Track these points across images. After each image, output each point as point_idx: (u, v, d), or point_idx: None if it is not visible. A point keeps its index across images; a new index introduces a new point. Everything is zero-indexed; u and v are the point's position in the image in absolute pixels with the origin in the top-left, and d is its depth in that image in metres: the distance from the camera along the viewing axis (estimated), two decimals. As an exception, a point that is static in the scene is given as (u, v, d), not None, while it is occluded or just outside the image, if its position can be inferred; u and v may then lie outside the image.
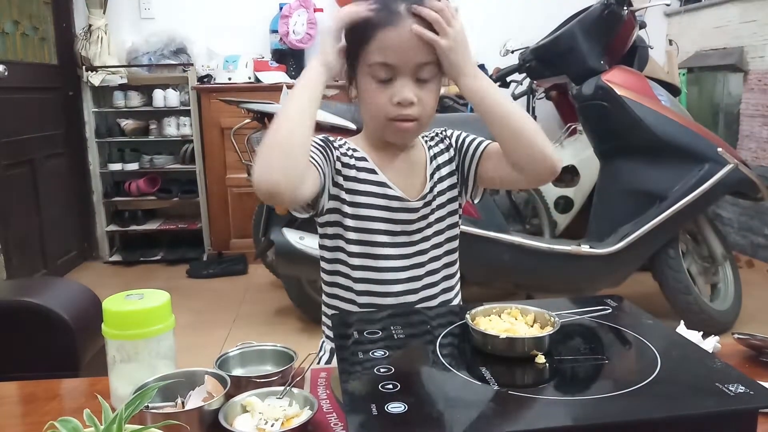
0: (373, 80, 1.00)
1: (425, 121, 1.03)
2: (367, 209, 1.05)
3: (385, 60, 0.98)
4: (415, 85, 0.99)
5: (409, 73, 0.99)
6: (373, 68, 0.99)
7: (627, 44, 2.52)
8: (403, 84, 0.99)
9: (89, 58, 3.56)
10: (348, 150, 1.07)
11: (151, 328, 0.81)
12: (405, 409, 0.63)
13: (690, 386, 0.69)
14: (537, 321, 0.83)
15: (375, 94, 1.00)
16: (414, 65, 0.98)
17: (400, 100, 0.98)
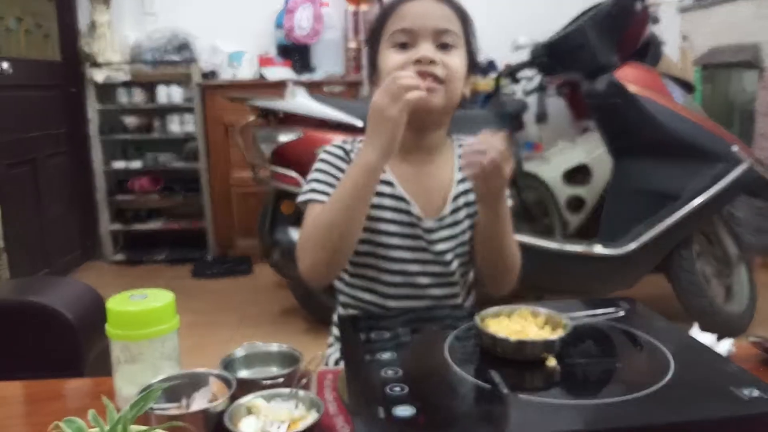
0: (394, 48, 0.99)
1: (453, 87, 0.98)
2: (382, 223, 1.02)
3: (403, 26, 0.97)
4: (436, 49, 0.97)
5: (430, 37, 0.97)
6: (393, 37, 0.98)
7: (640, 40, 2.50)
8: (423, 45, 0.97)
9: (93, 55, 3.55)
10: None
11: (155, 329, 0.80)
12: (413, 412, 0.62)
13: (703, 390, 0.68)
14: (548, 323, 0.82)
15: (394, 57, 0.98)
16: (433, 29, 0.97)
17: (419, 57, 0.95)
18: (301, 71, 3.69)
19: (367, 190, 0.92)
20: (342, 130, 2.37)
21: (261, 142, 2.49)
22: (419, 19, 0.97)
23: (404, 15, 0.98)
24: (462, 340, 0.81)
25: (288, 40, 3.70)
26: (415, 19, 0.97)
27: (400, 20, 0.98)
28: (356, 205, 0.92)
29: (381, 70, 1.01)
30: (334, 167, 1.03)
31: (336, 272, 0.99)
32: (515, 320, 0.82)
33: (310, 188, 1.02)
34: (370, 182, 0.91)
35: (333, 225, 0.92)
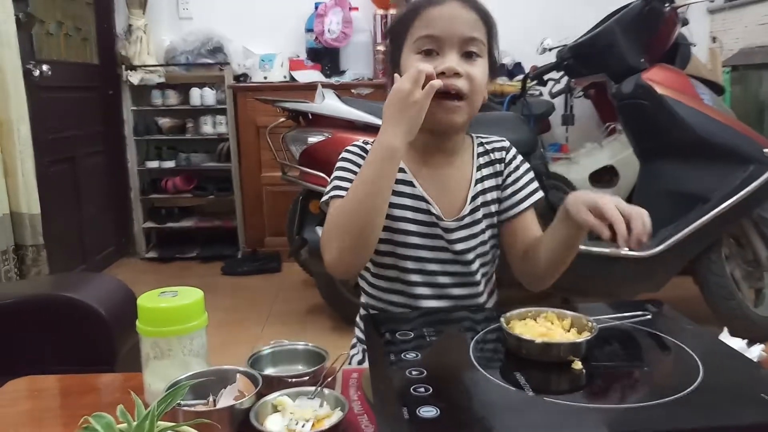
0: (418, 55, 0.98)
1: (475, 99, 0.99)
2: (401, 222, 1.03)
3: (429, 32, 0.96)
4: (461, 59, 0.97)
5: (456, 46, 0.96)
6: (417, 43, 0.97)
7: (668, 42, 2.46)
8: (448, 55, 0.96)
9: (129, 58, 3.63)
10: None
11: (184, 326, 0.81)
12: (437, 413, 0.62)
13: (733, 396, 0.67)
14: (574, 326, 0.81)
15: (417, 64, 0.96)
16: (459, 38, 0.96)
17: (444, 69, 0.95)
18: (330, 74, 3.71)
19: (390, 174, 0.92)
20: (369, 132, 2.38)
21: (290, 143, 2.51)
22: (446, 26, 0.96)
23: (430, 21, 0.97)
24: (487, 342, 0.81)
25: (318, 43, 3.72)
26: (442, 26, 0.96)
27: (425, 26, 0.97)
28: (379, 189, 0.91)
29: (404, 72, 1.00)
30: (356, 165, 1.03)
31: (362, 261, 0.97)
32: (541, 322, 0.82)
33: (332, 186, 1.02)
34: (392, 166, 0.91)
35: (357, 210, 0.91)
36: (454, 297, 1.06)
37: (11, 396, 0.88)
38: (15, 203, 2.40)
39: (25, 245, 2.45)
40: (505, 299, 1.16)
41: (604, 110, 3.21)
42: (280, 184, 3.05)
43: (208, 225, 3.86)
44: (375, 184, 0.91)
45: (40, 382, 0.92)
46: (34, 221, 2.46)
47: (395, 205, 1.02)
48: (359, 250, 0.94)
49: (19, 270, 2.45)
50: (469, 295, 1.07)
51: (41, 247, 2.50)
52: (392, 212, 1.02)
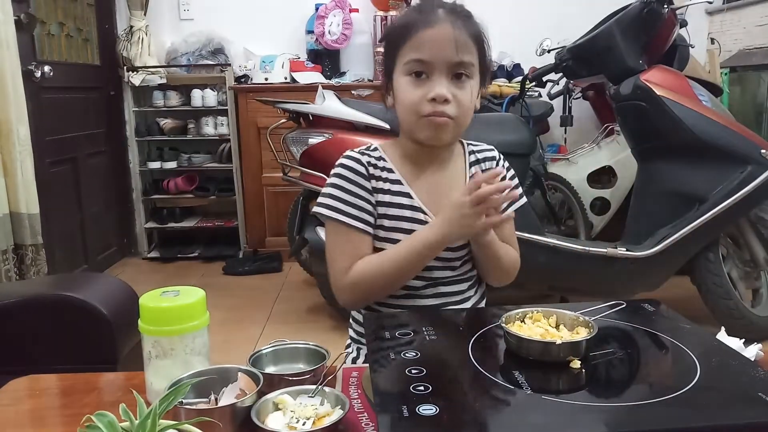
0: (409, 77, 0.99)
1: (462, 121, 1.01)
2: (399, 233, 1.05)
3: (420, 56, 0.98)
4: (450, 83, 0.98)
5: (445, 70, 0.98)
6: (408, 65, 0.99)
7: (667, 43, 2.47)
8: (437, 80, 0.98)
9: (130, 59, 3.63)
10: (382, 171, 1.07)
11: (186, 325, 0.82)
12: (436, 411, 0.62)
13: (730, 395, 0.67)
14: (572, 325, 0.82)
15: (409, 89, 0.99)
16: (449, 62, 0.98)
17: (434, 96, 0.97)
18: (330, 75, 3.72)
19: (432, 257, 1.02)
20: (370, 133, 2.39)
21: (291, 143, 2.52)
22: (436, 51, 0.97)
23: (421, 44, 0.98)
24: (486, 341, 0.81)
25: (318, 45, 3.73)
26: (432, 50, 0.97)
27: (416, 49, 0.98)
28: (419, 268, 1.03)
29: (397, 94, 1.03)
30: (355, 185, 1.05)
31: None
32: (539, 321, 0.83)
33: (329, 203, 1.05)
34: (432, 255, 1.01)
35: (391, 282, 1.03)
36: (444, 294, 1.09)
37: (13, 395, 0.88)
38: (14, 203, 2.41)
39: (25, 245, 2.46)
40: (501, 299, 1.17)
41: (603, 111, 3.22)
42: (280, 184, 3.06)
43: (209, 225, 3.87)
44: (419, 264, 1.01)
45: (42, 381, 0.92)
46: (33, 221, 2.46)
47: (393, 216, 1.05)
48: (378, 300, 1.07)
49: (19, 270, 2.45)
50: (458, 291, 1.10)
51: (40, 246, 2.51)
52: (390, 224, 1.05)
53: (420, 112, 0.99)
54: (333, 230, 1.05)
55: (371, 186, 1.05)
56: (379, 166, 1.06)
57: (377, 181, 1.06)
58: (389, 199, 1.05)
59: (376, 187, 1.05)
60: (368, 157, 1.07)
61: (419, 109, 0.99)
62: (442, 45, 0.97)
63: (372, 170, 1.06)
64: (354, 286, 1.02)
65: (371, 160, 1.07)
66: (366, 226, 1.04)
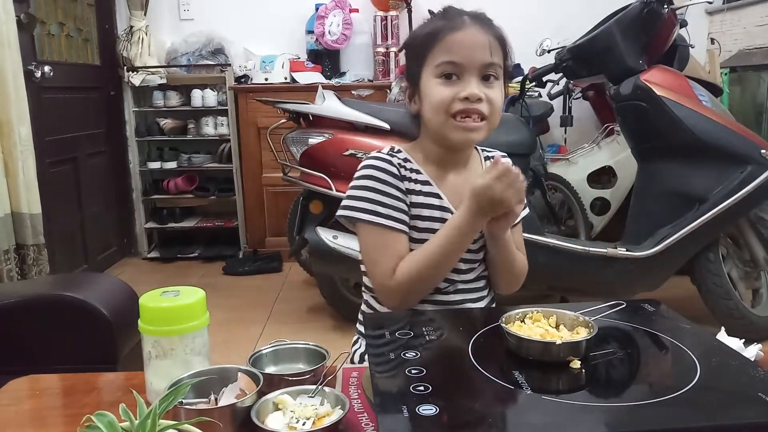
0: (439, 79, 1.00)
1: (494, 120, 1.02)
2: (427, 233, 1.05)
3: (451, 58, 0.99)
4: (481, 83, 1.00)
5: (476, 71, 0.99)
6: (439, 68, 1.00)
7: (667, 43, 2.47)
8: (469, 80, 0.99)
9: (130, 59, 3.63)
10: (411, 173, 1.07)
11: (185, 325, 0.82)
12: (436, 411, 0.62)
13: (730, 395, 0.67)
14: (572, 325, 0.82)
15: (440, 90, 1.00)
16: (480, 64, 0.99)
17: (467, 95, 0.98)
18: (330, 75, 3.72)
19: (467, 244, 1.03)
20: (370, 133, 2.39)
21: (291, 143, 2.52)
22: (466, 52, 0.99)
23: (451, 46, 0.99)
24: (486, 341, 0.81)
25: (318, 45, 3.73)
26: (463, 52, 0.99)
27: (447, 51, 0.99)
28: (457, 258, 1.03)
29: (425, 96, 1.03)
30: (389, 186, 1.04)
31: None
32: (539, 321, 0.83)
33: (363, 207, 1.04)
34: (468, 240, 1.02)
35: (436, 276, 1.03)
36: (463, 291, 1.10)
37: (13, 395, 0.88)
38: (16, 203, 2.41)
39: (26, 245, 2.46)
40: (504, 299, 1.17)
41: (603, 112, 3.22)
42: (280, 184, 3.06)
43: (209, 225, 3.87)
44: (457, 253, 1.02)
45: (43, 381, 0.92)
46: (35, 221, 2.47)
47: (424, 217, 1.05)
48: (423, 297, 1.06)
49: (20, 269, 2.45)
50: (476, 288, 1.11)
51: (42, 246, 2.51)
52: (423, 224, 1.06)
53: (451, 110, 1.00)
54: (370, 233, 1.04)
55: (405, 187, 1.05)
56: (407, 167, 1.07)
57: (409, 182, 1.06)
58: (422, 200, 1.06)
59: (408, 188, 1.05)
60: (397, 159, 1.07)
61: (450, 107, 1.00)
62: (473, 47, 0.99)
63: (403, 171, 1.06)
64: (402, 285, 1.01)
65: (400, 161, 1.07)
66: (403, 225, 1.04)
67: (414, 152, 1.10)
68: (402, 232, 1.03)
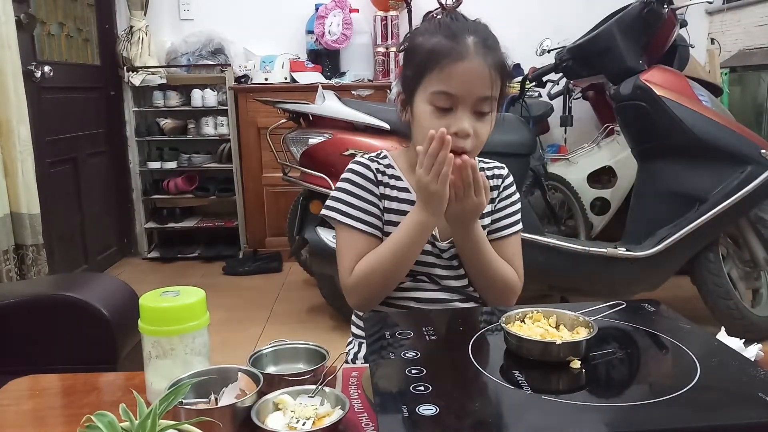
0: (432, 107, 0.99)
1: (475, 153, 1.02)
2: None
3: (448, 89, 0.97)
4: (473, 116, 0.98)
5: (470, 105, 0.98)
6: (434, 96, 0.98)
7: (667, 43, 2.47)
8: (462, 115, 0.97)
9: (130, 59, 3.63)
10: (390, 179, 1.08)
11: (186, 325, 0.82)
12: (436, 411, 0.62)
13: (731, 395, 0.67)
14: (573, 325, 0.82)
15: (432, 121, 0.98)
16: (476, 98, 0.97)
17: (457, 131, 0.97)
18: (330, 75, 3.72)
19: (421, 243, 1.02)
20: (370, 133, 2.39)
21: (291, 143, 2.52)
22: (463, 86, 0.96)
23: (449, 76, 0.96)
24: (486, 341, 0.81)
25: (318, 45, 3.73)
26: (460, 85, 0.96)
27: (444, 81, 0.97)
28: (411, 254, 1.03)
29: (416, 118, 1.02)
30: (363, 190, 1.07)
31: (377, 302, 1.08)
32: (539, 321, 0.83)
33: (337, 207, 1.07)
34: (423, 237, 1.01)
35: (388, 274, 1.03)
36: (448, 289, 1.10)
37: (14, 395, 0.88)
38: (15, 203, 2.41)
39: (25, 245, 2.46)
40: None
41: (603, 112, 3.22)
42: (280, 184, 3.06)
43: (209, 225, 3.87)
44: (408, 252, 1.02)
45: (43, 381, 0.92)
46: (34, 221, 2.46)
47: (396, 223, 1.06)
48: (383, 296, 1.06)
49: (19, 270, 2.45)
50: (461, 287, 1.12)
51: (41, 246, 2.51)
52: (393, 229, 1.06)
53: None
54: (341, 233, 1.08)
55: (379, 192, 1.07)
56: (387, 173, 1.09)
57: (385, 188, 1.08)
58: (396, 206, 1.07)
59: (384, 194, 1.08)
60: (377, 164, 1.09)
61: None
62: (472, 81, 0.96)
63: (380, 177, 1.08)
64: (358, 282, 1.03)
65: (380, 167, 1.09)
66: (373, 229, 1.06)
67: (401, 158, 1.11)
68: (371, 235, 1.05)
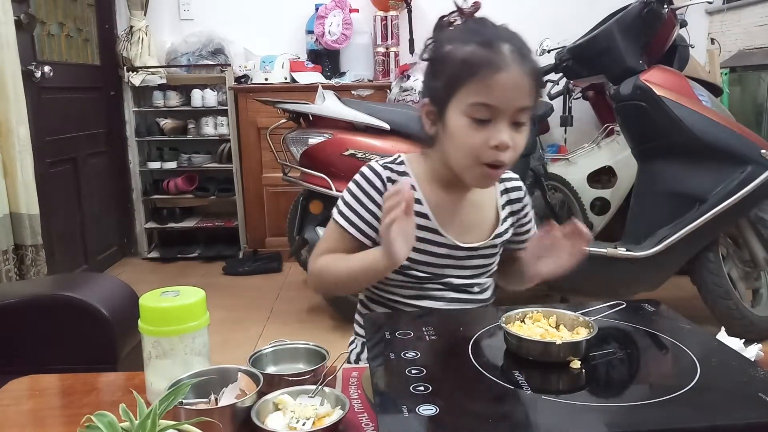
0: (470, 120, 0.94)
1: (511, 165, 0.99)
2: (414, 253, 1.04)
3: (487, 101, 0.93)
4: (510, 127, 0.95)
5: (508, 116, 0.94)
6: (472, 108, 0.94)
7: (667, 43, 2.47)
8: (501, 127, 0.94)
9: (130, 59, 3.63)
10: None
11: (186, 325, 0.82)
12: (436, 411, 0.62)
13: (730, 395, 0.67)
14: (573, 325, 0.82)
15: (469, 134, 0.95)
16: (515, 109, 0.94)
17: (497, 144, 0.94)
18: (330, 75, 3.72)
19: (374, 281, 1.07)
20: (369, 133, 2.38)
21: (291, 143, 2.52)
22: (504, 97, 0.93)
23: (490, 89, 0.92)
24: (486, 341, 0.81)
25: (318, 45, 3.73)
26: (501, 97, 0.93)
27: (484, 92, 0.93)
28: (360, 284, 1.09)
29: (451, 132, 0.97)
30: (367, 197, 1.06)
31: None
32: (539, 321, 0.83)
33: (339, 208, 1.08)
34: (375, 279, 1.06)
35: (338, 284, 1.08)
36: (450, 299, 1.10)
37: (13, 395, 0.88)
38: (14, 204, 2.41)
39: (25, 245, 2.46)
40: (504, 299, 1.17)
41: (603, 112, 3.22)
42: (280, 184, 3.06)
43: (209, 225, 3.87)
44: (358, 281, 1.06)
45: (43, 381, 0.92)
46: (33, 222, 2.46)
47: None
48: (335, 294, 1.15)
49: (19, 270, 2.45)
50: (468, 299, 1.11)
51: (40, 247, 2.50)
52: None
53: (481, 158, 0.95)
54: (330, 225, 1.09)
55: None
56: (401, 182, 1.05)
57: None
58: None
59: None
60: (390, 172, 1.06)
61: (480, 156, 0.95)
62: (512, 92, 0.93)
63: (390, 186, 1.04)
64: (312, 273, 1.08)
65: (392, 175, 1.06)
66: (360, 235, 1.04)
67: (419, 165, 1.08)
68: (353, 237, 1.05)
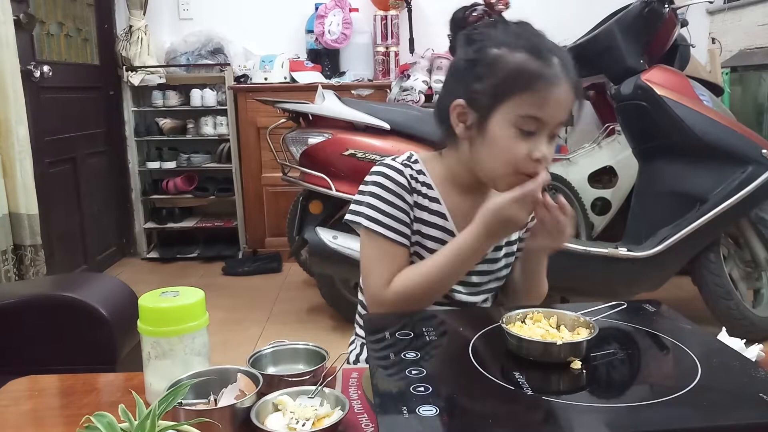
0: (517, 131, 0.94)
1: None
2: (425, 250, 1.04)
3: (539, 114, 0.93)
4: (548, 140, 0.96)
5: (550, 129, 0.95)
6: (522, 119, 0.93)
7: (668, 43, 2.47)
8: (542, 139, 0.94)
9: (129, 59, 3.63)
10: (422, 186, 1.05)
11: (185, 326, 0.82)
12: (436, 412, 0.62)
13: (732, 396, 0.67)
14: (573, 325, 0.81)
15: (514, 144, 0.94)
16: (558, 123, 0.95)
17: (541, 157, 0.94)
18: (330, 75, 3.72)
19: (470, 265, 1.02)
20: (369, 133, 2.38)
21: (291, 143, 2.51)
22: (554, 112, 0.93)
23: (543, 101, 0.92)
24: (486, 342, 0.81)
25: (318, 44, 3.73)
26: (551, 112, 0.93)
27: (537, 105, 0.92)
28: (459, 274, 1.02)
29: (493, 140, 0.96)
30: (395, 196, 1.03)
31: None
32: (540, 322, 0.82)
33: (368, 214, 1.02)
34: (475, 260, 1.01)
35: (430, 293, 1.01)
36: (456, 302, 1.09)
37: (13, 395, 0.88)
38: (13, 204, 2.40)
39: (24, 245, 2.46)
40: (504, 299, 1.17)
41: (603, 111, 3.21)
42: (280, 184, 3.06)
43: (208, 225, 3.87)
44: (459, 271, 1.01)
45: (42, 381, 0.92)
46: (32, 222, 2.46)
47: (426, 235, 1.04)
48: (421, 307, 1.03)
49: (18, 270, 2.45)
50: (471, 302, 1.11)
51: (39, 247, 2.50)
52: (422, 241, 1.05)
53: (521, 169, 0.95)
54: (371, 241, 1.03)
55: (413, 200, 1.03)
56: (419, 180, 1.04)
57: (418, 196, 1.04)
58: (427, 217, 1.04)
59: (416, 202, 1.03)
60: (410, 170, 1.04)
61: (522, 167, 0.94)
62: (561, 107, 0.94)
63: (414, 184, 1.04)
64: (397, 297, 1.00)
65: (413, 173, 1.04)
66: (404, 239, 1.02)
67: (433, 164, 1.07)
68: (401, 245, 1.02)
